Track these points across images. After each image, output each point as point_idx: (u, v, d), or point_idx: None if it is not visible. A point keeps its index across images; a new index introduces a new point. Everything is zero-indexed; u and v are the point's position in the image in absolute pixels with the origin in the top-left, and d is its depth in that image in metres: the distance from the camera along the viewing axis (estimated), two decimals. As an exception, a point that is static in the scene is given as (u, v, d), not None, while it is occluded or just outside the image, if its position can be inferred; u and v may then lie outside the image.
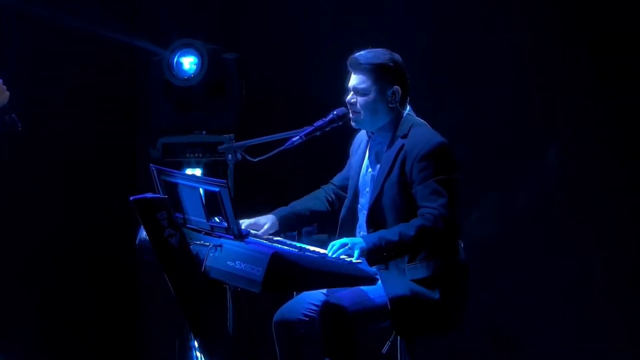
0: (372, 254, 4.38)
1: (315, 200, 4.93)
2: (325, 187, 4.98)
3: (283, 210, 4.86)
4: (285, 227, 4.84)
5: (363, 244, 4.38)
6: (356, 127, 4.74)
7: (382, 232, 4.47)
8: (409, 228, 4.42)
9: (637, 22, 6.00)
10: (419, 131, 4.61)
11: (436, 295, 4.50)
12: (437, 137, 4.59)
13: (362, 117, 4.65)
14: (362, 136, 4.86)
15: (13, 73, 6.19)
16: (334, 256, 4.38)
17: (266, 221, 4.78)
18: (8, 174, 6.21)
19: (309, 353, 4.62)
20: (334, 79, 4.96)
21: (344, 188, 4.88)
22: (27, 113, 6.25)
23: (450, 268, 4.57)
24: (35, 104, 6.31)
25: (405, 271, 4.52)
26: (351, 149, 4.92)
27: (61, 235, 6.44)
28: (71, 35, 6.34)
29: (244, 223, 4.74)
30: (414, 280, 4.51)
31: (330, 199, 4.92)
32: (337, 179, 4.95)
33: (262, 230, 4.74)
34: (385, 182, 4.60)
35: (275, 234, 4.78)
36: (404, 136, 4.61)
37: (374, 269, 4.44)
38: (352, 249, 4.37)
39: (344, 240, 4.44)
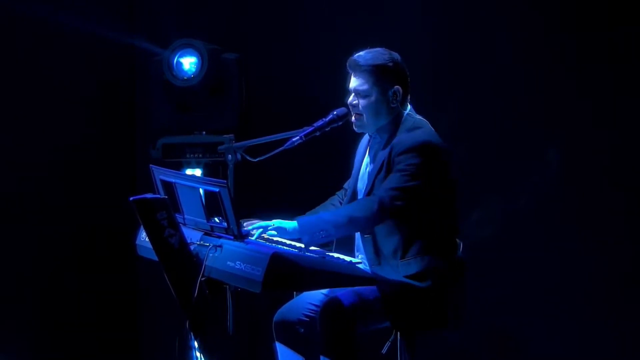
0: (304, 230, 4.40)
1: (332, 207, 4.90)
2: (338, 192, 4.97)
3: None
4: None
5: (292, 224, 4.42)
6: (359, 132, 4.73)
7: (321, 213, 4.64)
8: (346, 208, 4.51)
9: (636, 21, 6.01)
10: (414, 131, 4.60)
11: (427, 286, 4.46)
12: (423, 136, 4.55)
13: (364, 120, 4.63)
14: (365, 138, 4.86)
15: (12, 73, 6.24)
16: (254, 237, 4.41)
17: None
18: (8, 174, 6.21)
19: (309, 353, 4.61)
20: (334, 79, 4.96)
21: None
22: (27, 113, 6.30)
23: (444, 264, 4.55)
24: (35, 103, 6.32)
25: (398, 267, 4.51)
26: (356, 151, 4.91)
27: (61, 235, 6.44)
28: (71, 35, 6.34)
29: None
30: (406, 276, 4.49)
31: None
32: (348, 184, 4.92)
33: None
34: (375, 179, 4.59)
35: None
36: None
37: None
38: (273, 227, 4.43)
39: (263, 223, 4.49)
